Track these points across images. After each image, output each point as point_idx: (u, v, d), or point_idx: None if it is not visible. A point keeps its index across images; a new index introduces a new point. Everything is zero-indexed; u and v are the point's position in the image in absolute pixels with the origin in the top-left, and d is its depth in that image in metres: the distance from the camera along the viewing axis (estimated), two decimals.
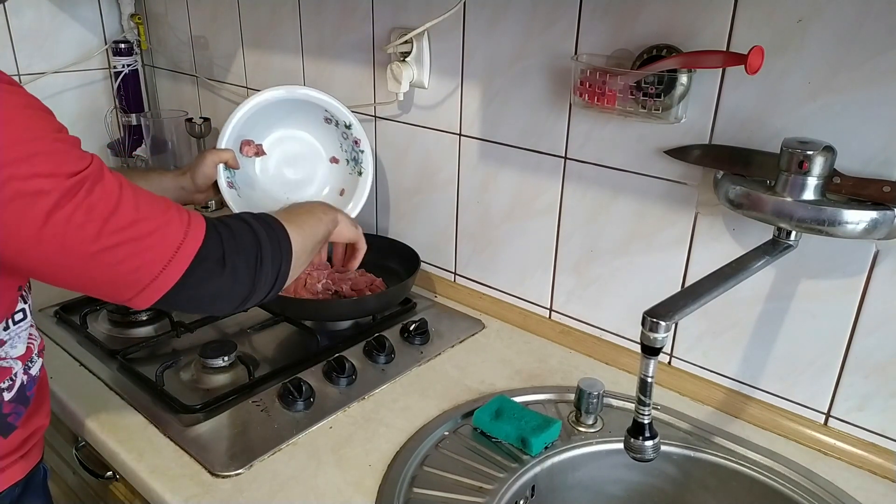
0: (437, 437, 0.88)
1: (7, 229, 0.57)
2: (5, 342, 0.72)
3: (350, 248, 1.03)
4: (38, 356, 0.80)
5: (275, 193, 1.20)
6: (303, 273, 1.17)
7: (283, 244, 0.75)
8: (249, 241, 0.71)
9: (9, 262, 0.60)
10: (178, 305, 0.68)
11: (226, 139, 1.13)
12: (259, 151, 1.19)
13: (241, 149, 1.16)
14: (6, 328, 0.72)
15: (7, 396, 0.74)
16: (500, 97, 1.09)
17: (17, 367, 0.75)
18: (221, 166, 1.09)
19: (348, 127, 1.19)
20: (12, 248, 0.58)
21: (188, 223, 0.67)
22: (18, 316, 0.73)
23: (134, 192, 0.64)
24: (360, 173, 1.21)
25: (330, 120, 1.20)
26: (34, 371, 0.78)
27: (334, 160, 1.23)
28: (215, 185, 1.10)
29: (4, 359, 0.73)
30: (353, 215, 1.18)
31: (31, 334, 0.77)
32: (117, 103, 1.80)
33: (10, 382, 0.74)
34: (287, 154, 1.22)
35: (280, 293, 1.10)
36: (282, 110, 1.17)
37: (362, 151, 1.20)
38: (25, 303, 0.74)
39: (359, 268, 1.08)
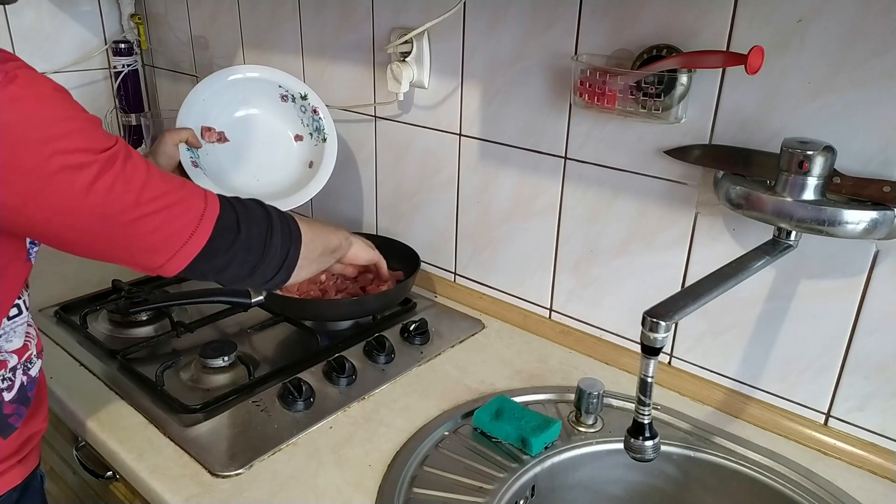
0: (437, 437, 0.88)
1: (54, 200, 0.60)
2: (0, 336, 0.73)
3: (373, 269, 1.09)
4: (38, 357, 0.80)
5: (243, 175, 1.20)
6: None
7: (293, 228, 0.80)
8: (261, 214, 0.77)
9: (52, 237, 0.64)
10: (199, 272, 0.72)
11: (184, 121, 1.13)
12: (222, 138, 1.18)
13: (201, 135, 1.15)
14: None
15: (8, 397, 0.74)
16: (500, 97, 1.09)
17: (14, 360, 0.75)
18: (183, 146, 1.08)
19: (304, 98, 1.21)
20: (59, 219, 0.62)
21: (205, 194, 0.72)
22: (13, 311, 0.73)
23: (155, 167, 0.68)
24: (324, 140, 1.22)
25: (286, 97, 1.21)
26: (33, 372, 0.79)
27: (298, 138, 1.24)
28: (181, 168, 1.09)
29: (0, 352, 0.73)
30: (324, 182, 1.19)
31: (28, 332, 0.78)
32: (117, 103, 1.79)
33: (10, 382, 0.75)
34: (252, 135, 1.22)
35: (282, 293, 1.13)
36: (237, 94, 1.19)
37: (322, 119, 1.22)
38: (20, 298, 0.75)
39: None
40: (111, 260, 0.69)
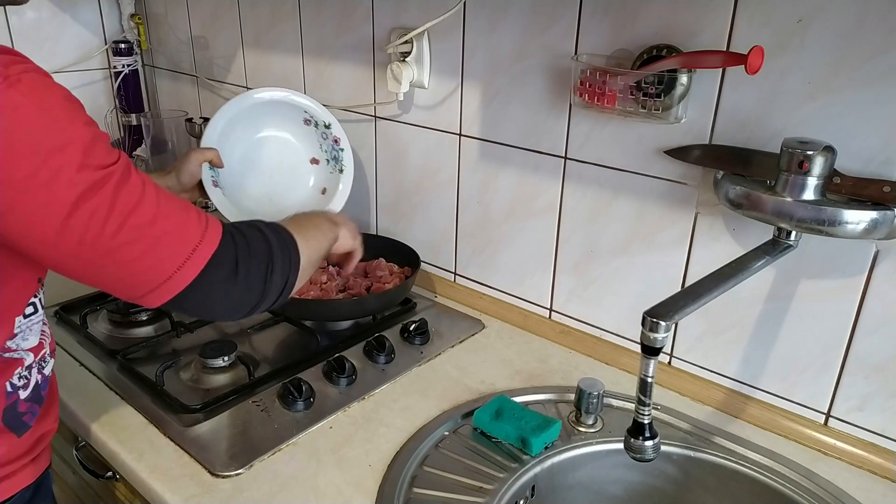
0: (437, 437, 0.88)
1: (34, 216, 0.58)
2: (16, 335, 0.73)
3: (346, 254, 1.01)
4: (51, 356, 0.80)
5: (259, 195, 1.21)
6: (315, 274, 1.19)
7: (293, 255, 0.75)
8: (262, 249, 0.71)
9: (30, 251, 0.61)
10: (187, 307, 0.68)
11: (209, 140, 1.13)
12: None
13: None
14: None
15: (23, 395, 0.75)
16: (500, 97, 1.09)
17: (30, 358, 0.75)
18: (206, 165, 1.09)
19: (328, 127, 1.21)
20: (36, 235, 0.59)
21: (206, 226, 0.67)
22: (29, 310, 0.73)
23: (156, 191, 0.65)
24: (340, 171, 1.23)
25: (309, 121, 1.22)
26: (47, 371, 0.79)
27: (314, 161, 1.25)
28: (201, 184, 1.09)
29: (16, 350, 0.73)
30: (337, 211, 1.19)
31: (42, 331, 0.78)
32: (117, 103, 1.80)
33: (26, 381, 0.75)
34: (270, 156, 1.23)
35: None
36: (262, 114, 1.19)
37: (342, 150, 1.22)
38: (36, 297, 0.74)
39: (388, 261, 1.23)
40: (92, 284, 0.65)
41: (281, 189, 1.23)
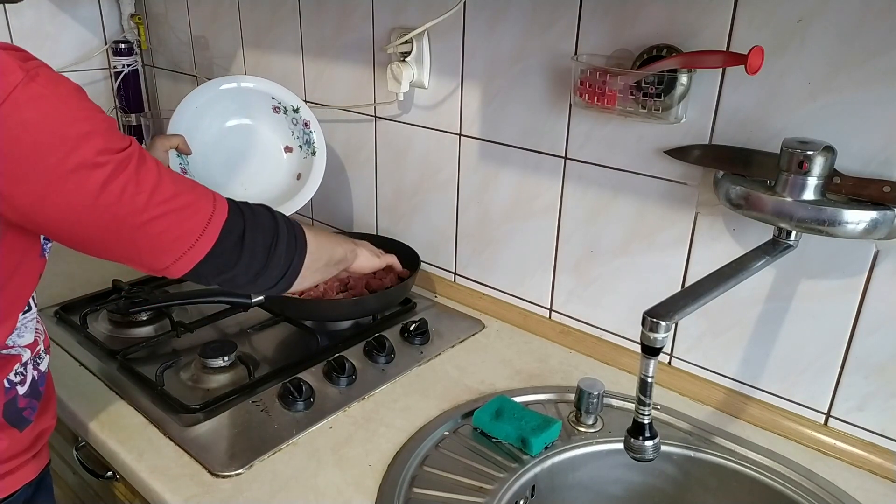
0: (437, 437, 0.88)
1: (67, 199, 0.61)
2: (12, 332, 0.74)
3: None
4: (46, 353, 0.81)
5: (232, 184, 1.22)
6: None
7: (299, 239, 0.80)
8: (268, 222, 0.77)
9: (63, 234, 0.65)
10: (205, 275, 0.73)
11: (175, 128, 1.14)
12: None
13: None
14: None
15: (21, 391, 0.76)
16: (500, 97, 1.09)
17: (27, 355, 0.76)
18: (173, 152, 1.09)
19: (296, 111, 1.23)
20: (71, 218, 0.63)
21: (214, 198, 0.72)
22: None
23: (167, 169, 0.69)
24: (313, 153, 1.24)
25: (278, 108, 1.23)
26: (43, 367, 0.80)
27: (288, 149, 1.26)
28: None
29: (13, 347, 0.75)
30: (311, 194, 1.21)
31: (36, 328, 0.79)
32: (117, 103, 1.79)
33: (22, 377, 0.76)
34: (242, 145, 1.23)
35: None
36: (231, 103, 1.20)
37: (313, 132, 1.24)
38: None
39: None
40: (120, 260, 0.69)
41: (255, 177, 1.23)
